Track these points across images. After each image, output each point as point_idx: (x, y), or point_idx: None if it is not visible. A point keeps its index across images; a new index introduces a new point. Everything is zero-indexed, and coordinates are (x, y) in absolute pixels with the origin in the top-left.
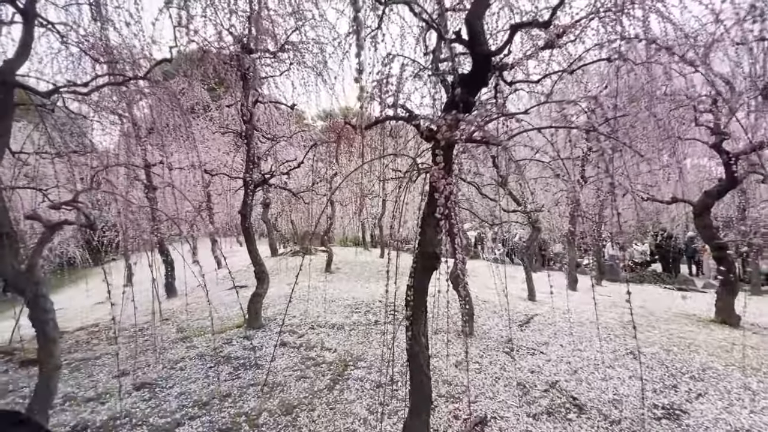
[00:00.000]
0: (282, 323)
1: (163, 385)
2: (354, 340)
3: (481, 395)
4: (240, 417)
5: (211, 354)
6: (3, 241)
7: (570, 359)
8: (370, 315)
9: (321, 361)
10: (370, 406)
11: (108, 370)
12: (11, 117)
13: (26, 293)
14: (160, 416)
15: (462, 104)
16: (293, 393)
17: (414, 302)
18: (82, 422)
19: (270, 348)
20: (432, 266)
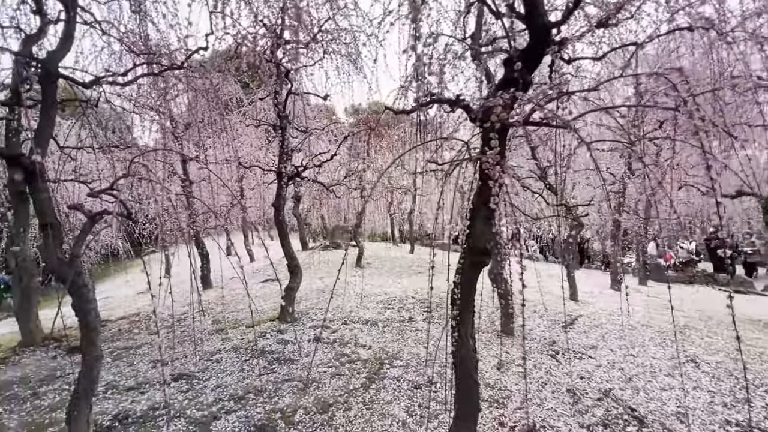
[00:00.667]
0: (324, 319)
1: (200, 377)
2: (388, 337)
3: (527, 401)
4: (275, 413)
5: (247, 347)
6: (48, 231)
7: (623, 365)
8: (403, 311)
9: (356, 358)
10: (408, 408)
11: (148, 360)
12: (55, 108)
13: (69, 282)
14: (197, 408)
15: (518, 83)
16: (328, 391)
17: (461, 301)
18: (123, 411)
19: (303, 342)
20: (482, 262)
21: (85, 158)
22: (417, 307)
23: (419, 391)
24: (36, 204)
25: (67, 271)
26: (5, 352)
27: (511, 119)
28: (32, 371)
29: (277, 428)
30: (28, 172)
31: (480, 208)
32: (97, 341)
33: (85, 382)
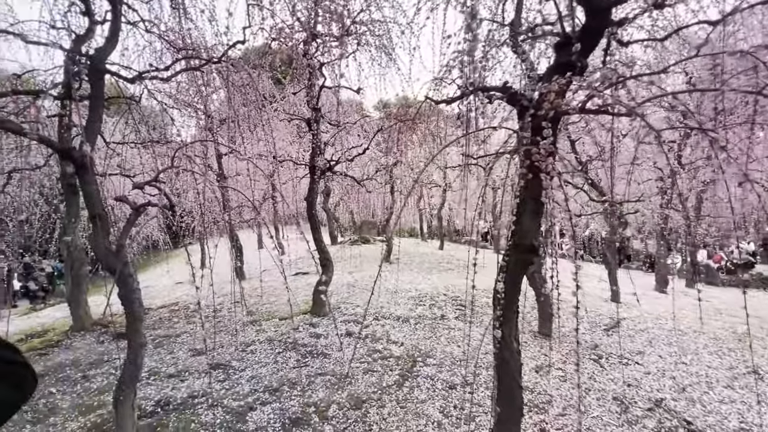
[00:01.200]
0: (364, 316)
1: (236, 368)
2: (421, 335)
3: (570, 407)
4: (309, 407)
5: (280, 339)
6: (96, 222)
7: (675, 374)
8: (435, 309)
9: (388, 355)
10: (443, 409)
11: (187, 348)
12: (102, 103)
13: (115, 272)
14: (233, 399)
15: (575, 67)
16: (361, 387)
17: (505, 301)
18: (164, 397)
19: (335, 337)
20: (528, 260)
21: (129, 153)
22: (449, 305)
23: (454, 392)
24: (85, 196)
25: (114, 261)
26: (59, 336)
27: (565, 107)
28: (82, 355)
29: (311, 422)
30: (78, 165)
31: (528, 202)
32: (141, 329)
33: (130, 368)
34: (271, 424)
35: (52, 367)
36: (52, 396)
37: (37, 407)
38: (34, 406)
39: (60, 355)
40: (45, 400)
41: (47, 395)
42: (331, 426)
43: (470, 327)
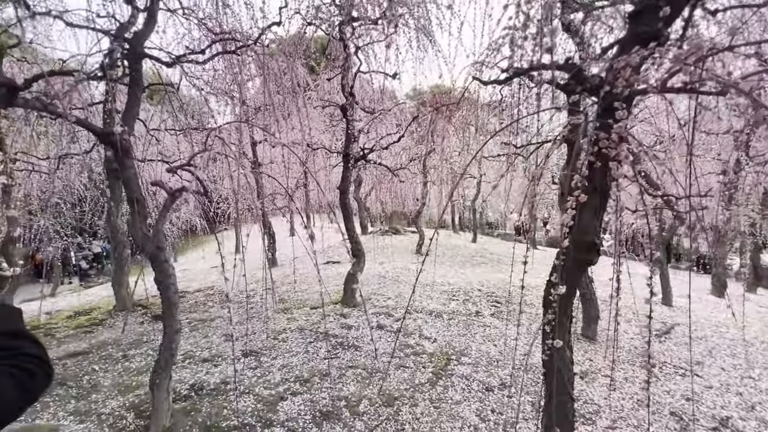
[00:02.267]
0: (407, 311)
1: (268, 355)
2: (454, 331)
3: (621, 420)
4: (340, 401)
5: (311, 328)
6: (134, 206)
7: (741, 389)
8: (469, 304)
9: (420, 351)
10: (480, 412)
11: (220, 333)
12: (141, 87)
13: (151, 256)
14: (264, 387)
15: (658, 37)
16: (393, 383)
17: (558, 304)
18: (198, 382)
19: (367, 329)
20: (588, 260)
21: (168, 141)
22: (484, 301)
23: (491, 394)
24: (124, 180)
25: (150, 246)
26: (103, 315)
27: (641, 85)
28: (124, 334)
29: (342, 417)
30: (117, 149)
31: (590, 195)
32: (176, 315)
33: (165, 353)
34: (301, 416)
35: (96, 345)
36: (95, 373)
37: (81, 383)
38: (78, 382)
39: (104, 333)
40: (89, 377)
41: (90, 372)
42: (363, 422)
43: (518, 329)
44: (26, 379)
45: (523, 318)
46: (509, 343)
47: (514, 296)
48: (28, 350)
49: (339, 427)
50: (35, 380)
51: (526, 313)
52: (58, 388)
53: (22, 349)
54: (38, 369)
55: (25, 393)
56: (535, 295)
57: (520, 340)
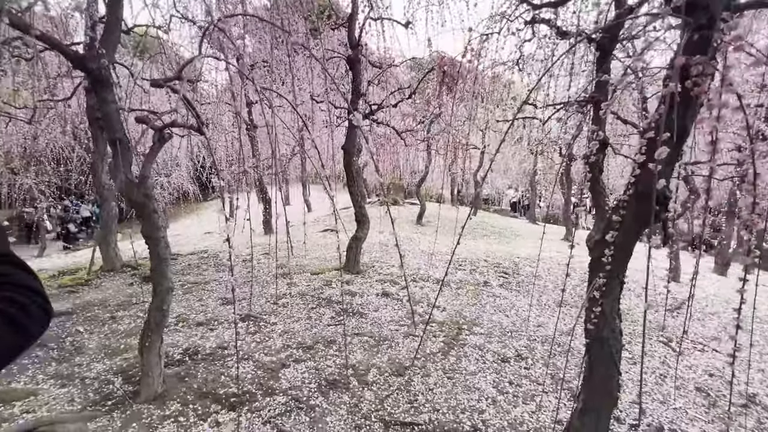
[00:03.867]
0: (448, 268)
1: (267, 320)
2: (464, 301)
3: (646, 395)
4: (347, 369)
5: (313, 294)
6: (116, 148)
7: (762, 366)
8: (477, 274)
9: (430, 320)
10: (497, 384)
11: (216, 296)
12: (121, 6)
13: (138, 206)
14: (265, 353)
15: None
16: (402, 351)
17: (611, 267)
18: (192, 346)
19: (371, 296)
20: (653, 215)
21: (156, 99)
22: (491, 272)
23: (507, 366)
24: (103, 117)
25: (136, 193)
26: (91, 275)
27: None
28: (111, 295)
29: (350, 386)
30: (95, 79)
31: (659, 141)
32: (168, 273)
33: (156, 314)
34: (306, 384)
35: (81, 306)
36: (79, 335)
37: (63, 345)
38: (60, 344)
39: (90, 293)
40: (72, 339)
41: (74, 333)
42: (372, 392)
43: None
44: (18, 315)
45: (532, 290)
46: (521, 314)
47: (520, 267)
48: (19, 279)
49: (347, 397)
50: (29, 316)
51: (534, 284)
52: (37, 349)
53: (10, 278)
54: (32, 303)
55: (16, 332)
56: (542, 267)
57: (531, 312)
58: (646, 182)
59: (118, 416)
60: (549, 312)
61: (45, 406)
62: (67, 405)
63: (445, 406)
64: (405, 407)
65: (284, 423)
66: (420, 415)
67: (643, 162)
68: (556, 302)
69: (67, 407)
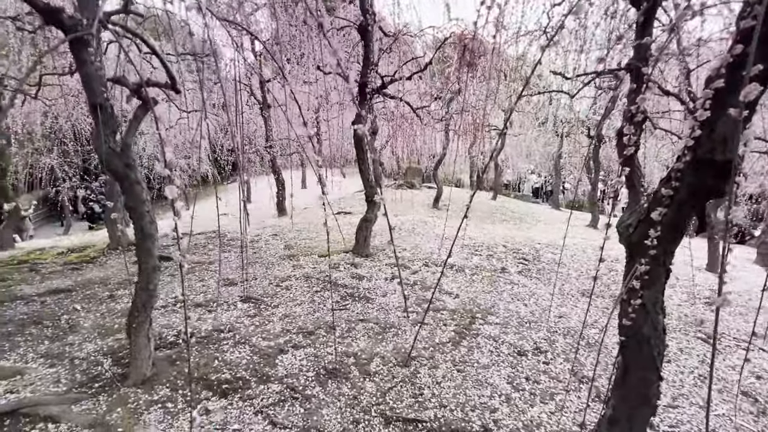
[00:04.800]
0: (451, 249)
1: (269, 303)
2: (479, 288)
3: (681, 398)
4: (348, 357)
5: (318, 277)
6: (97, 114)
7: None
8: (494, 260)
9: (441, 307)
10: (512, 379)
11: (218, 277)
12: None
13: (119, 176)
14: (263, 337)
15: None
16: (409, 340)
17: (657, 251)
18: (188, 327)
19: (380, 280)
20: (714, 188)
21: (159, 74)
22: (510, 257)
23: (524, 360)
24: (83, 79)
25: (117, 163)
26: (96, 253)
27: None
28: (113, 273)
29: (350, 376)
30: (72, 38)
31: (729, 97)
32: (154, 251)
33: (142, 294)
34: (303, 372)
35: (82, 283)
36: (76, 313)
37: (58, 323)
38: (56, 322)
39: (93, 271)
40: (68, 317)
41: (71, 311)
42: (374, 383)
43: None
44: None
45: (553, 278)
46: (541, 303)
47: (542, 254)
48: None
49: (346, 388)
50: None
51: (556, 272)
52: (31, 327)
53: None
54: None
55: None
56: (565, 254)
57: (551, 301)
58: (708, 146)
59: (104, 399)
60: (572, 302)
61: (30, 387)
62: (53, 386)
63: (454, 402)
64: (409, 401)
65: (277, 414)
66: (425, 411)
67: (704, 121)
68: (579, 291)
69: (52, 388)
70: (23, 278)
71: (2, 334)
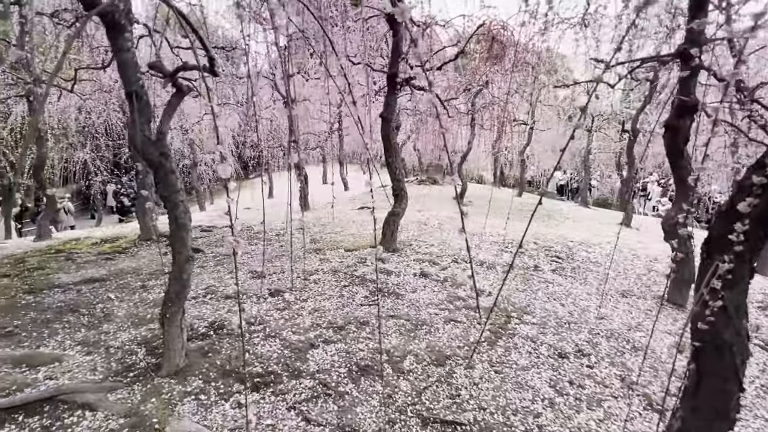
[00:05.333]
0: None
1: (297, 296)
2: (512, 286)
3: (744, 410)
4: (381, 355)
5: (346, 271)
6: (132, 102)
7: None
8: (525, 258)
9: (473, 305)
10: (554, 382)
11: (246, 269)
12: None
13: (154, 165)
14: (293, 331)
15: None
16: (443, 338)
17: (745, 247)
18: (219, 319)
19: (408, 276)
20: None
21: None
22: (542, 255)
23: (566, 362)
24: (119, 66)
25: (153, 152)
26: (128, 243)
27: None
28: (144, 264)
29: (384, 374)
30: (109, 24)
31: None
32: (187, 240)
33: (175, 284)
34: (335, 368)
35: (115, 273)
36: (110, 302)
37: (94, 311)
38: (91, 310)
39: (125, 261)
40: (102, 306)
41: (105, 300)
42: (408, 382)
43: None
44: None
45: (589, 277)
46: (578, 304)
47: (575, 252)
48: None
49: (380, 386)
50: None
51: (592, 271)
52: (69, 314)
53: None
54: None
55: None
56: (599, 253)
57: (590, 301)
58: None
59: (138, 389)
60: (612, 302)
61: (68, 374)
62: (89, 374)
63: (493, 404)
64: (446, 402)
65: (310, 410)
66: (463, 413)
67: None
68: (619, 291)
69: (89, 376)
70: (60, 267)
71: (42, 321)
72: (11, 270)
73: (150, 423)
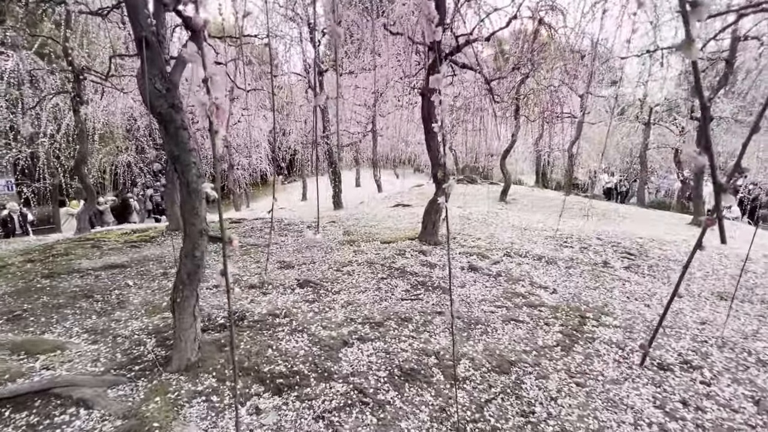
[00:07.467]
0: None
1: (329, 288)
2: (580, 283)
3: None
4: (428, 357)
5: (383, 263)
6: (142, 48)
7: None
8: (590, 253)
9: (537, 303)
10: (661, 402)
11: (274, 259)
12: None
13: (163, 119)
14: (323, 326)
15: None
16: (504, 341)
17: None
18: (240, 310)
19: (455, 269)
20: None
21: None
22: (609, 251)
23: (671, 375)
24: (128, 10)
25: (162, 104)
26: (156, 233)
27: None
28: (169, 252)
29: (432, 380)
30: None
31: None
32: (201, 210)
33: (188, 263)
34: (373, 371)
35: (137, 260)
36: (127, 289)
37: (108, 298)
38: (106, 296)
39: (150, 249)
40: (119, 292)
41: (123, 287)
42: (466, 393)
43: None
44: None
45: (671, 276)
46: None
47: (648, 249)
48: None
49: (429, 395)
50: None
51: (674, 270)
52: (82, 300)
53: None
54: None
55: None
56: (674, 251)
57: (681, 303)
58: None
59: (142, 385)
60: (709, 306)
61: (67, 364)
62: (90, 365)
63: (582, 428)
64: (517, 421)
65: (343, 422)
66: None
67: None
68: (713, 293)
69: (89, 367)
70: (84, 253)
71: (53, 306)
72: (38, 256)
73: (150, 428)
